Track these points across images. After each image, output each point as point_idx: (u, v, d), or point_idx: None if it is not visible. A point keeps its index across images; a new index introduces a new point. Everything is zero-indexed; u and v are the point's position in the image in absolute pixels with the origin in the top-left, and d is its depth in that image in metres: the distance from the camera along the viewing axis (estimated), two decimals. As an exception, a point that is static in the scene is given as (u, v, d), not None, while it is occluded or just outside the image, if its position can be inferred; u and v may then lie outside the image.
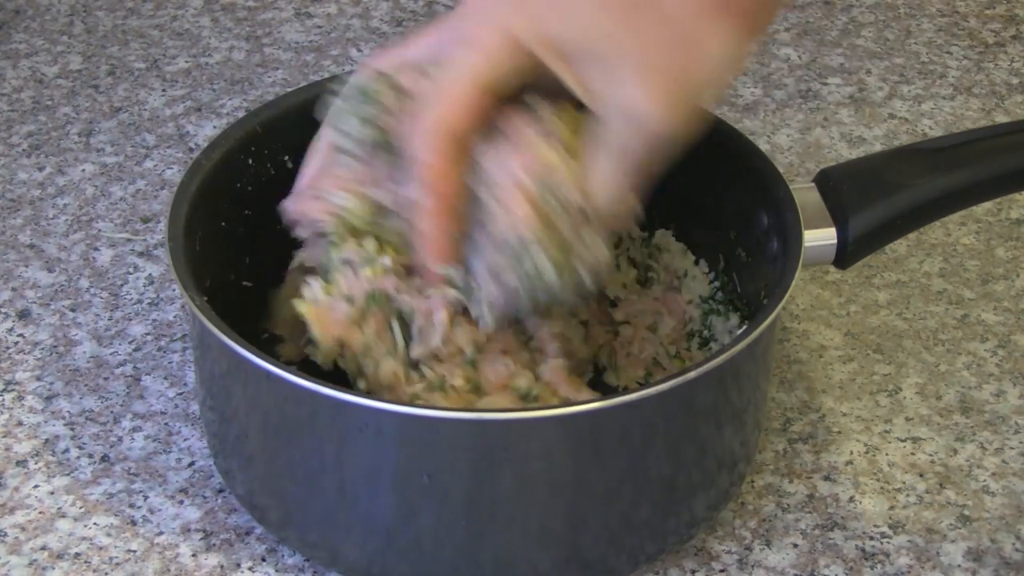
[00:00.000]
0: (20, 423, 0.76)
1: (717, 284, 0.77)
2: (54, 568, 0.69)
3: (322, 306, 0.67)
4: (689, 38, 0.63)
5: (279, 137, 0.75)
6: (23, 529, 0.71)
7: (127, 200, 0.89)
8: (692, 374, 0.63)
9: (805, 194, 0.72)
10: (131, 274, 0.84)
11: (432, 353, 0.67)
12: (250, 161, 0.74)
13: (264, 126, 0.74)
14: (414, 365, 0.68)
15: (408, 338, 0.67)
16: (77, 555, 0.70)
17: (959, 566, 0.70)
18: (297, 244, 0.71)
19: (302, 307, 0.67)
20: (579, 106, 0.65)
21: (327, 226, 0.68)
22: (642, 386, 0.63)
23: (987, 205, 0.89)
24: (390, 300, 0.67)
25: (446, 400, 0.67)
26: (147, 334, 0.80)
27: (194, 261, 0.68)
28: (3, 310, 0.82)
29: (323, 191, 0.68)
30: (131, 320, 0.81)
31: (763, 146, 0.91)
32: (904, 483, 0.74)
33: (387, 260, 0.67)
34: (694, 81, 0.64)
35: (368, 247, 0.68)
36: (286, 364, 0.63)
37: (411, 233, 0.67)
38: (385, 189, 0.68)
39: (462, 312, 0.67)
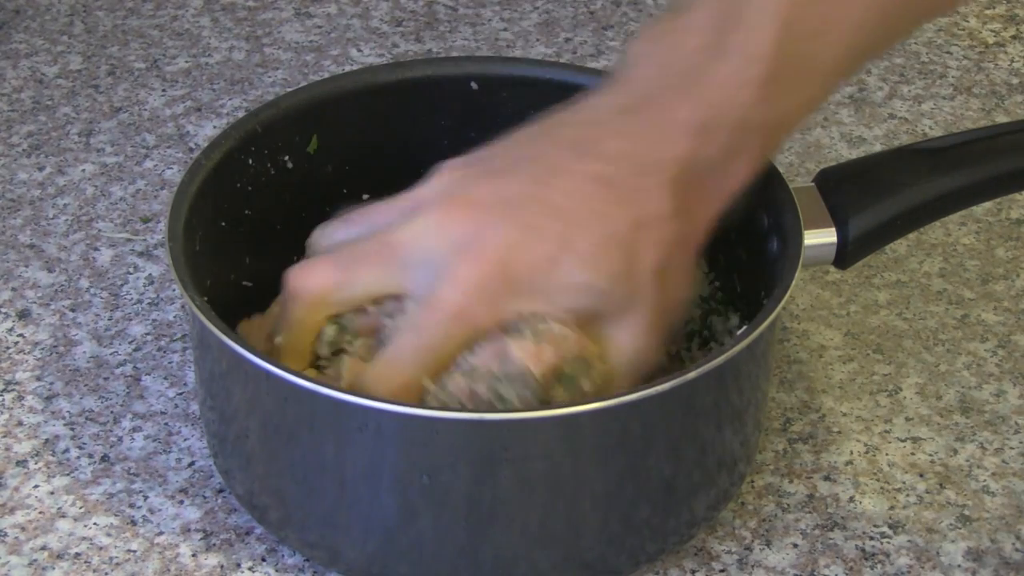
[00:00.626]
0: (20, 423, 0.76)
1: (717, 284, 0.77)
2: (54, 568, 0.69)
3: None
4: (667, 283, 0.66)
5: (279, 137, 0.75)
6: (23, 529, 0.71)
7: (127, 200, 0.89)
8: (692, 374, 0.63)
9: (805, 194, 0.72)
10: (131, 274, 0.84)
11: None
12: (250, 161, 0.74)
13: (264, 126, 0.74)
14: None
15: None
16: (77, 555, 0.70)
17: (959, 566, 0.70)
18: (299, 243, 0.71)
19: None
20: None
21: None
22: (642, 386, 0.63)
23: (987, 205, 0.89)
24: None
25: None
26: (147, 334, 0.80)
27: (194, 261, 0.68)
28: (3, 310, 0.82)
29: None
30: (131, 320, 0.81)
31: (763, 146, 0.91)
32: (904, 483, 0.74)
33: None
34: (673, 312, 0.68)
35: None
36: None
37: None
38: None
39: None
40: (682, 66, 0.66)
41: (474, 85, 0.77)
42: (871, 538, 0.71)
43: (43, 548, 0.70)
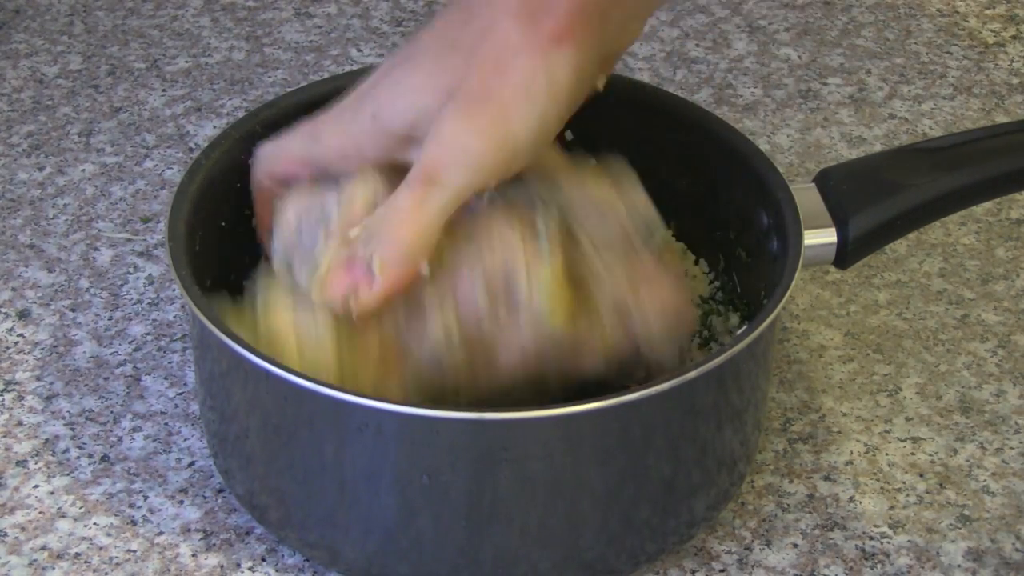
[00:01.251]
0: (20, 423, 0.76)
1: (717, 284, 0.77)
2: (54, 568, 0.69)
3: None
4: (498, 74, 0.64)
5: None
6: (23, 529, 0.71)
7: (127, 200, 0.89)
8: (692, 374, 0.63)
9: (805, 194, 0.72)
10: (131, 274, 0.84)
11: None
12: (250, 161, 0.74)
13: (264, 126, 0.74)
14: None
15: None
16: (77, 555, 0.70)
17: (959, 566, 0.70)
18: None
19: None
20: None
21: None
22: (642, 386, 0.63)
23: (987, 205, 0.89)
24: None
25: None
26: (147, 334, 0.81)
27: (194, 261, 0.68)
28: (3, 310, 0.82)
29: None
30: (131, 320, 0.81)
31: (763, 146, 0.91)
32: (904, 483, 0.74)
33: None
34: (509, 113, 0.65)
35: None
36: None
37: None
38: None
39: None
40: None
41: (474, 85, 0.77)
42: (871, 538, 0.71)
43: (43, 548, 0.70)
